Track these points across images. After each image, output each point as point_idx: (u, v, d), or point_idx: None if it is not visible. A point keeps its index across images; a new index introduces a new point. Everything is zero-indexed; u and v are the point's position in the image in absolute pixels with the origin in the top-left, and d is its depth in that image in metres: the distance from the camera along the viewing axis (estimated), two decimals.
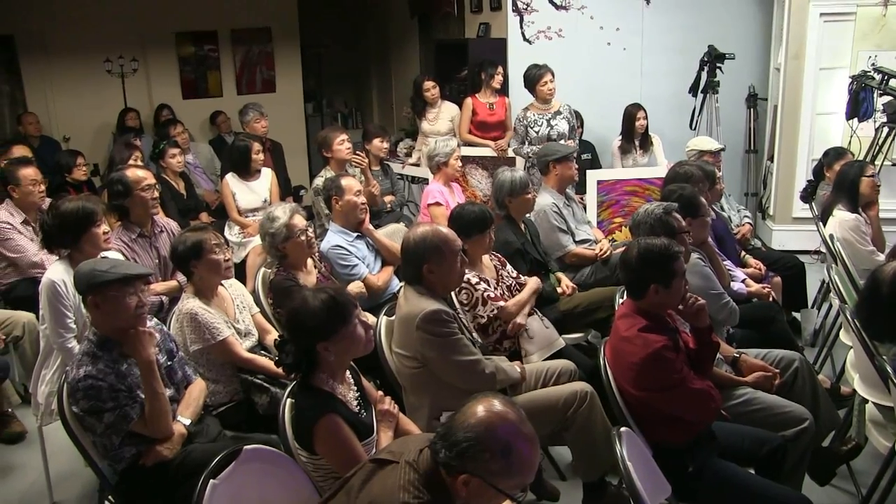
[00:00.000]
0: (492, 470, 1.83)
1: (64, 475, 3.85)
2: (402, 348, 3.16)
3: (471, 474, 1.83)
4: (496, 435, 1.83)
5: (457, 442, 1.83)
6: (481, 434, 1.83)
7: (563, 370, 3.45)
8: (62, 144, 8.00)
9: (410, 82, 7.60)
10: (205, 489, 2.20)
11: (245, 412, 3.36)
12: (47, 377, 3.59)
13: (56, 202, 3.76)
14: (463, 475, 1.83)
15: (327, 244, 4.32)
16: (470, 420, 1.85)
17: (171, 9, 8.56)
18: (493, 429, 1.84)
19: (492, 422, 1.85)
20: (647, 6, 7.22)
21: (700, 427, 2.91)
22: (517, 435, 1.86)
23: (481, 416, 1.85)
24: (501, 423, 1.85)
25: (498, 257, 4.00)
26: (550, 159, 4.83)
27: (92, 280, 2.79)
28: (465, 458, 1.83)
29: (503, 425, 1.85)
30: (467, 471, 1.83)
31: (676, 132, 6.82)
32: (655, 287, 2.87)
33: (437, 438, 1.89)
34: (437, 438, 1.89)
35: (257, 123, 6.80)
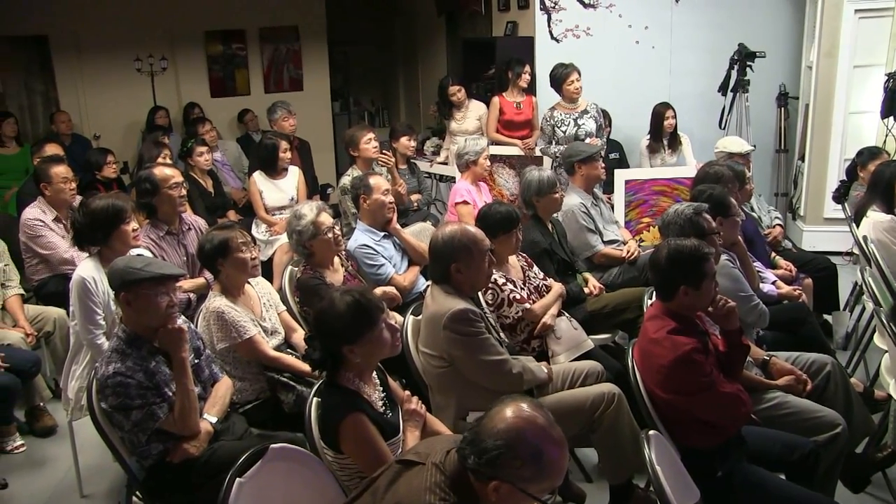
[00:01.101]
0: (523, 476, 1.81)
1: (93, 469, 3.89)
2: (428, 347, 3.16)
3: (501, 481, 1.81)
4: (526, 441, 1.81)
5: (486, 449, 1.81)
6: (511, 441, 1.81)
7: (591, 371, 3.42)
8: (93, 142, 8.07)
9: (437, 81, 7.59)
10: (231, 487, 2.21)
11: (271, 410, 3.37)
12: (77, 373, 3.63)
13: (86, 200, 3.80)
14: (494, 482, 1.82)
15: (354, 243, 4.32)
16: (499, 426, 1.83)
17: (200, 8, 8.62)
18: (524, 435, 1.82)
19: (521, 428, 1.83)
20: (676, 4, 7.15)
21: (729, 431, 2.87)
22: (547, 440, 1.84)
23: (510, 421, 1.83)
24: (531, 429, 1.83)
25: (525, 258, 3.98)
26: (575, 160, 4.80)
27: (126, 277, 2.82)
28: (496, 466, 1.81)
29: (533, 431, 1.83)
30: (498, 478, 1.81)
31: (705, 131, 6.75)
32: (685, 289, 2.84)
33: (465, 444, 1.87)
34: (466, 444, 1.87)
35: (285, 122, 6.82)
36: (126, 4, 8.25)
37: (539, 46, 7.06)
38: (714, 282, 2.91)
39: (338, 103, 10.69)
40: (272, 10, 8.97)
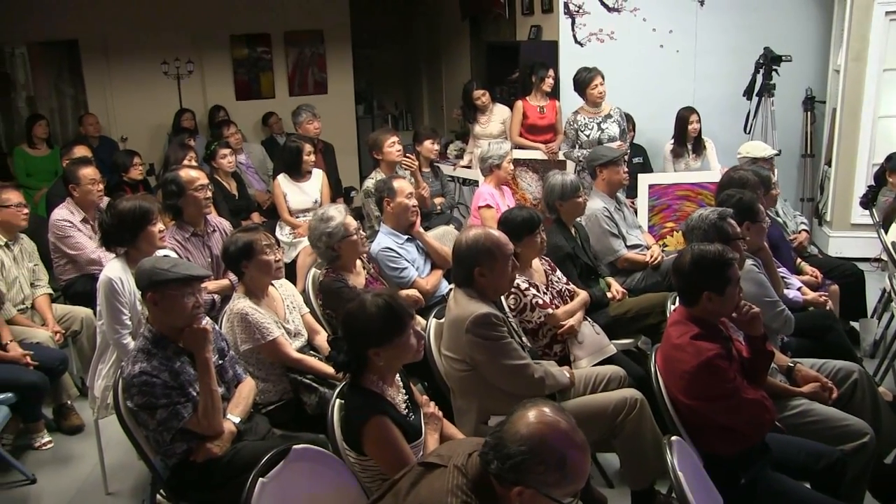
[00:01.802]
0: (547, 481, 1.81)
1: (118, 467, 3.93)
2: (450, 351, 3.16)
3: (525, 486, 1.81)
4: (550, 447, 1.81)
5: (510, 455, 1.81)
6: (535, 447, 1.81)
7: (613, 376, 3.41)
8: (120, 144, 8.17)
9: (461, 84, 7.59)
10: (254, 487, 2.22)
11: (294, 411, 3.39)
12: (103, 372, 3.67)
13: (114, 201, 3.84)
14: (517, 487, 1.82)
15: (377, 246, 4.34)
16: (522, 431, 1.83)
17: (226, 12, 8.70)
18: (547, 440, 1.82)
19: (545, 433, 1.83)
20: (700, 8, 7.11)
21: (753, 438, 2.85)
22: (570, 445, 1.84)
23: (533, 427, 1.83)
24: (554, 434, 1.83)
25: (548, 262, 3.98)
26: (597, 164, 4.79)
27: (153, 277, 2.86)
28: (520, 472, 1.81)
29: (556, 436, 1.83)
30: (522, 483, 1.81)
31: (730, 136, 6.70)
32: (708, 294, 2.82)
33: (487, 448, 1.87)
34: (489, 449, 1.87)
35: (310, 125, 6.86)
36: (154, 9, 8.34)
37: (563, 50, 7.04)
38: (738, 287, 2.89)
39: (361, 106, 10.73)
40: (297, 14, 9.03)
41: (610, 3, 6.98)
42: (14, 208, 4.52)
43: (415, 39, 11.16)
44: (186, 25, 8.56)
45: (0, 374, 3.87)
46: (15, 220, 4.54)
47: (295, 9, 8.99)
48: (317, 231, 3.89)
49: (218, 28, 8.73)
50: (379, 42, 11.02)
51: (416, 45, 11.18)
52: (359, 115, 10.33)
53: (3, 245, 4.52)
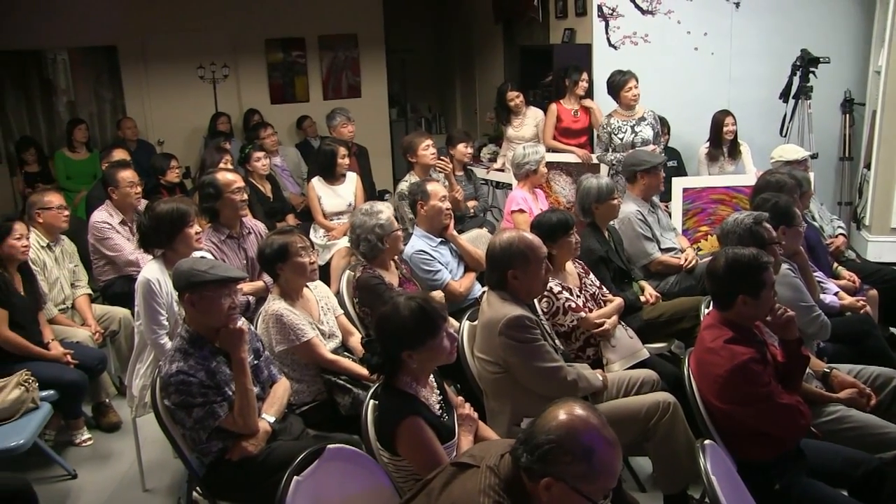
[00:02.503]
0: (574, 473, 1.82)
1: (155, 464, 4.00)
2: (484, 353, 3.17)
3: (553, 478, 1.82)
4: (578, 438, 1.83)
5: (538, 445, 1.83)
6: (563, 437, 1.82)
7: (646, 380, 3.40)
8: (157, 148, 8.29)
9: (494, 88, 7.59)
10: (289, 485, 2.25)
11: (327, 412, 3.42)
12: (141, 371, 3.73)
13: (152, 204, 3.91)
14: (545, 479, 1.83)
15: (411, 249, 4.36)
16: (551, 423, 1.85)
17: (262, 17, 8.79)
18: (575, 432, 1.83)
19: (573, 425, 1.84)
20: (736, 10, 7.04)
21: (788, 443, 2.82)
22: (599, 438, 1.84)
23: (562, 419, 1.85)
24: (583, 427, 1.84)
25: (581, 265, 3.97)
26: (638, 169, 4.75)
27: (191, 279, 2.90)
28: (547, 462, 1.82)
29: (585, 429, 1.84)
30: (549, 474, 1.82)
31: (766, 139, 6.62)
32: (743, 298, 2.81)
33: (518, 443, 1.89)
34: (519, 443, 1.89)
35: (344, 128, 6.90)
36: (190, 15, 8.46)
37: (596, 53, 7.01)
38: (773, 291, 2.87)
39: (395, 110, 10.77)
40: (331, 18, 9.10)
41: (644, 5, 6.93)
42: (55, 210, 4.63)
43: (448, 43, 11.18)
44: (222, 30, 8.66)
45: (43, 371, 3.95)
46: (56, 222, 4.64)
47: (329, 13, 9.06)
48: (367, 225, 3.92)
49: (253, 32, 8.83)
50: (412, 46, 11.06)
51: (449, 49, 11.20)
52: (392, 118, 10.37)
53: (45, 246, 4.62)
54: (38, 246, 4.54)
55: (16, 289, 4.13)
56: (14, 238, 4.10)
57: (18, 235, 4.12)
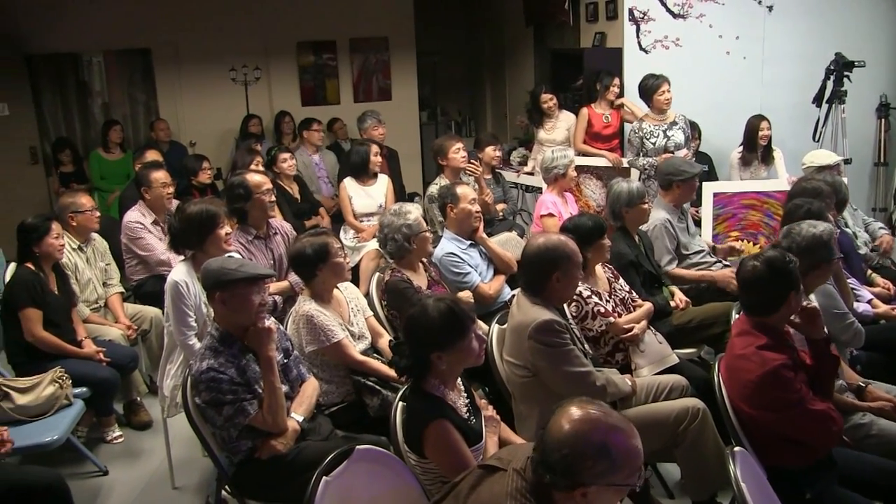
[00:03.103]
0: (600, 472, 1.82)
1: (184, 462, 4.05)
2: (513, 357, 3.17)
3: (584, 485, 1.82)
4: (587, 440, 1.82)
5: (556, 462, 1.83)
6: (573, 446, 1.82)
7: (675, 385, 3.38)
8: (189, 149, 8.36)
9: (525, 91, 7.59)
10: (318, 485, 2.27)
11: (356, 413, 3.43)
12: (171, 371, 3.77)
13: (182, 205, 3.94)
14: (577, 490, 1.83)
15: (441, 251, 4.37)
16: (558, 436, 1.85)
17: (293, 19, 8.83)
18: (582, 435, 1.83)
19: (579, 429, 1.84)
20: (769, 13, 6.98)
21: (820, 451, 2.79)
22: (608, 431, 1.84)
23: (567, 428, 1.84)
24: (589, 427, 1.84)
25: (611, 269, 3.96)
26: (675, 179, 4.68)
27: (221, 277, 2.94)
28: (572, 474, 1.82)
29: (591, 428, 1.84)
30: (578, 484, 1.82)
31: (799, 143, 6.56)
32: (794, 294, 2.81)
33: (536, 466, 1.89)
34: (537, 466, 1.88)
35: (375, 131, 6.93)
36: (223, 17, 8.52)
37: (627, 57, 6.97)
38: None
39: (425, 113, 10.79)
40: (362, 21, 9.13)
41: (675, 9, 6.89)
42: (88, 213, 4.69)
43: (479, 46, 11.17)
44: (254, 32, 8.71)
45: (76, 369, 4.02)
46: (89, 223, 4.71)
47: (360, 16, 9.09)
48: (394, 225, 3.94)
49: (285, 35, 8.87)
50: (443, 49, 11.07)
51: (480, 52, 11.19)
52: (422, 121, 10.38)
53: (76, 248, 4.68)
54: (69, 248, 4.59)
55: (50, 288, 4.20)
56: (52, 237, 4.17)
57: (56, 235, 4.20)
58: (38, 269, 4.17)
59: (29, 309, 4.06)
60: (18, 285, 4.10)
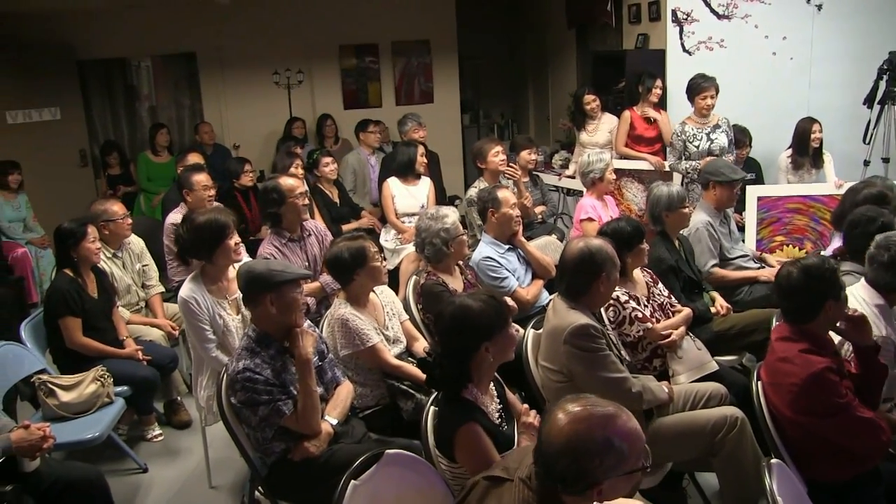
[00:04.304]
0: (609, 466, 1.79)
1: (222, 462, 4.09)
2: (548, 362, 3.14)
3: (597, 483, 1.80)
4: (590, 438, 1.80)
5: (564, 471, 1.80)
6: (576, 449, 1.79)
7: (714, 393, 3.31)
8: (232, 152, 8.47)
9: (567, 94, 7.53)
10: (346, 489, 2.27)
11: (390, 417, 3.43)
12: (203, 383, 3.80)
13: (190, 215, 3.91)
14: (592, 489, 1.81)
15: (478, 255, 4.35)
16: (557, 443, 1.82)
17: (336, 23, 8.90)
18: (583, 437, 1.80)
19: (577, 431, 1.81)
20: (818, 12, 6.82)
21: (865, 463, 2.71)
22: (604, 423, 1.82)
23: (563, 434, 1.81)
24: (585, 426, 1.81)
25: (650, 274, 3.90)
26: (713, 179, 4.62)
27: (273, 279, 2.97)
28: (584, 477, 1.80)
29: (587, 426, 1.81)
30: (592, 483, 1.80)
31: (848, 146, 6.40)
32: (830, 303, 2.75)
33: (542, 476, 1.87)
34: (543, 476, 1.86)
35: (415, 133, 6.94)
36: (266, 22, 8.63)
37: (670, 59, 6.88)
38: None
39: (467, 115, 10.78)
40: (404, 24, 9.16)
41: (720, 10, 6.77)
42: (120, 220, 4.74)
43: (521, 48, 11.14)
44: (297, 36, 8.80)
45: (118, 368, 4.10)
46: (122, 231, 4.76)
47: (402, 19, 9.13)
48: (432, 229, 3.95)
49: (327, 38, 8.94)
50: (486, 52, 11.06)
51: (522, 55, 11.15)
52: (464, 124, 10.38)
53: (111, 257, 4.74)
54: (104, 258, 4.63)
55: (89, 294, 4.26)
56: (89, 241, 4.24)
57: (93, 239, 4.26)
58: (76, 274, 4.24)
59: (68, 318, 4.13)
60: (56, 295, 4.15)
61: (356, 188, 7.07)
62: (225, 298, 3.76)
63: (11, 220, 6.61)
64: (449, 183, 7.77)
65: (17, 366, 3.94)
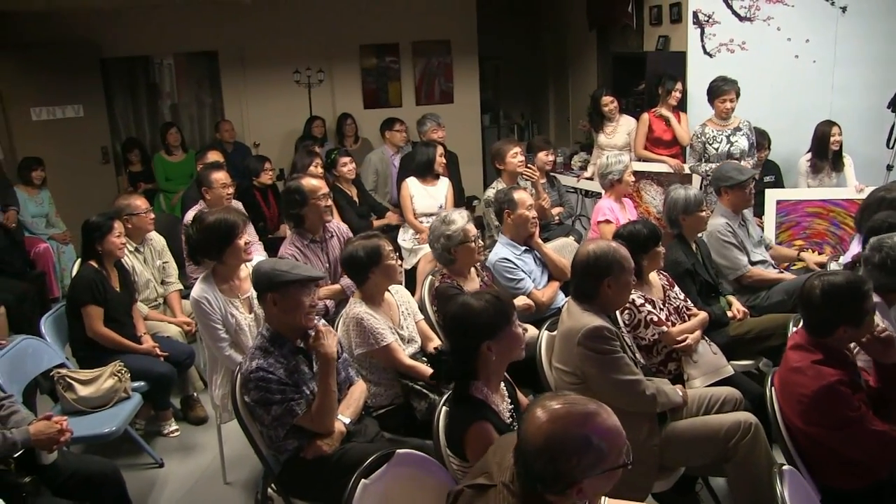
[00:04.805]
0: (588, 464, 1.79)
1: (237, 458, 4.10)
2: (562, 363, 3.13)
3: (576, 482, 1.80)
4: (567, 437, 1.80)
5: (542, 471, 1.80)
6: (555, 448, 1.79)
7: (728, 398, 3.28)
8: (252, 150, 8.51)
9: (587, 95, 7.50)
10: (356, 488, 2.28)
11: (403, 416, 3.44)
12: (218, 381, 3.82)
13: (200, 215, 3.93)
14: (573, 487, 1.80)
15: (495, 256, 4.35)
16: (536, 445, 1.81)
17: (357, 23, 8.92)
18: (560, 434, 1.80)
19: (553, 430, 1.80)
20: (842, 14, 6.75)
21: (879, 474, 2.68)
22: (582, 421, 1.81)
23: (541, 433, 1.81)
24: (561, 424, 1.81)
25: (666, 277, 3.88)
26: (723, 185, 4.61)
27: (274, 279, 2.98)
28: (562, 476, 1.80)
29: (564, 424, 1.81)
30: (572, 483, 1.80)
31: (871, 150, 6.35)
32: (845, 328, 2.69)
33: (523, 480, 1.86)
34: (524, 480, 1.86)
35: (434, 133, 6.94)
36: (288, 21, 8.66)
37: (691, 62, 6.83)
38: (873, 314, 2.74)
39: (487, 116, 10.77)
40: (425, 24, 9.16)
41: (742, 12, 6.72)
42: (143, 214, 4.79)
43: (542, 50, 11.11)
44: (318, 36, 8.82)
45: (135, 363, 4.14)
46: (144, 225, 4.82)
47: (423, 19, 9.13)
48: (437, 232, 3.96)
49: (348, 38, 8.96)
50: (506, 53, 11.04)
51: (543, 56, 11.13)
52: (484, 124, 10.36)
53: (133, 251, 4.79)
54: (126, 251, 4.67)
55: (112, 286, 4.31)
56: (114, 236, 4.29)
57: (118, 234, 4.31)
58: (100, 267, 4.29)
59: (90, 306, 4.18)
60: (81, 283, 4.23)
61: (377, 188, 7.08)
62: (237, 297, 3.78)
63: (34, 216, 6.69)
64: (467, 183, 7.76)
65: (36, 359, 3.99)
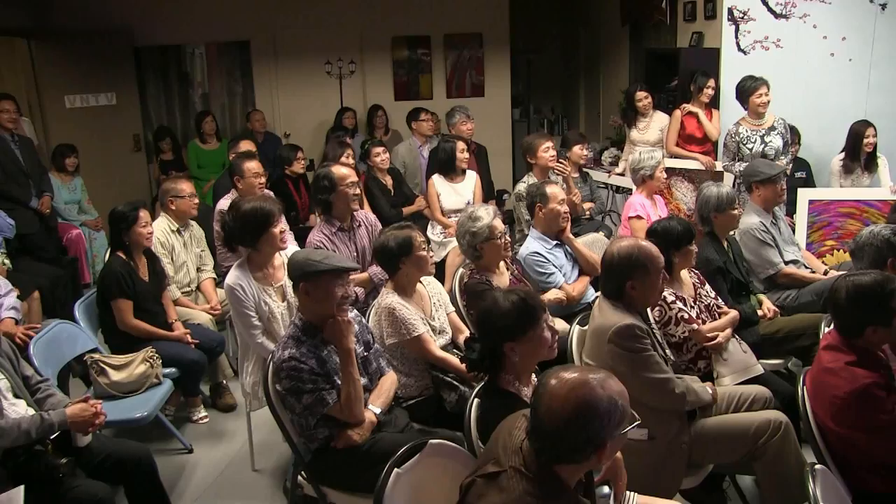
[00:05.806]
0: (616, 423, 1.87)
1: (265, 446, 4.16)
2: (592, 360, 3.13)
3: (605, 443, 1.87)
4: (596, 400, 1.86)
5: (575, 440, 1.86)
6: (587, 415, 1.85)
7: (758, 396, 3.27)
8: (283, 140, 8.56)
9: (619, 90, 7.46)
10: (389, 476, 2.30)
11: (433, 407, 3.46)
12: (249, 369, 3.86)
13: (236, 203, 3.96)
14: (601, 449, 1.87)
15: (526, 250, 4.36)
16: (565, 415, 1.86)
17: (389, 14, 8.94)
18: (589, 400, 1.86)
19: (582, 398, 1.86)
20: (881, 12, 6.64)
21: None
22: (602, 385, 1.89)
23: (569, 406, 1.86)
24: (588, 392, 1.87)
25: (697, 275, 3.87)
26: (753, 180, 4.59)
27: (306, 268, 3.00)
28: (592, 439, 1.86)
29: (590, 392, 1.87)
30: (601, 444, 1.87)
31: None
32: (873, 328, 2.67)
33: (546, 456, 1.91)
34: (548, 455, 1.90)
35: (463, 126, 6.95)
36: (320, 11, 8.70)
37: (725, 58, 6.77)
38: None
39: (518, 110, 10.74)
40: (457, 17, 9.15)
41: (778, 9, 6.64)
42: (187, 198, 4.87)
43: (574, 44, 11.06)
44: (350, 27, 8.86)
45: (167, 350, 4.19)
46: (187, 208, 4.88)
47: (455, 12, 9.12)
48: (463, 228, 3.98)
49: (380, 29, 8.99)
50: (538, 46, 11.01)
51: (575, 50, 11.08)
52: (515, 118, 10.34)
53: (175, 231, 4.86)
54: (168, 230, 4.80)
55: (140, 277, 4.35)
56: (140, 226, 4.32)
57: (144, 223, 4.34)
58: (128, 257, 4.33)
59: (120, 300, 4.23)
60: (109, 277, 4.26)
61: (405, 179, 7.10)
62: (270, 285, 3.81)
63: (67, 202, 6.78)
64: (497, 177, 7.76)
65: (70, 344, 4.05)
